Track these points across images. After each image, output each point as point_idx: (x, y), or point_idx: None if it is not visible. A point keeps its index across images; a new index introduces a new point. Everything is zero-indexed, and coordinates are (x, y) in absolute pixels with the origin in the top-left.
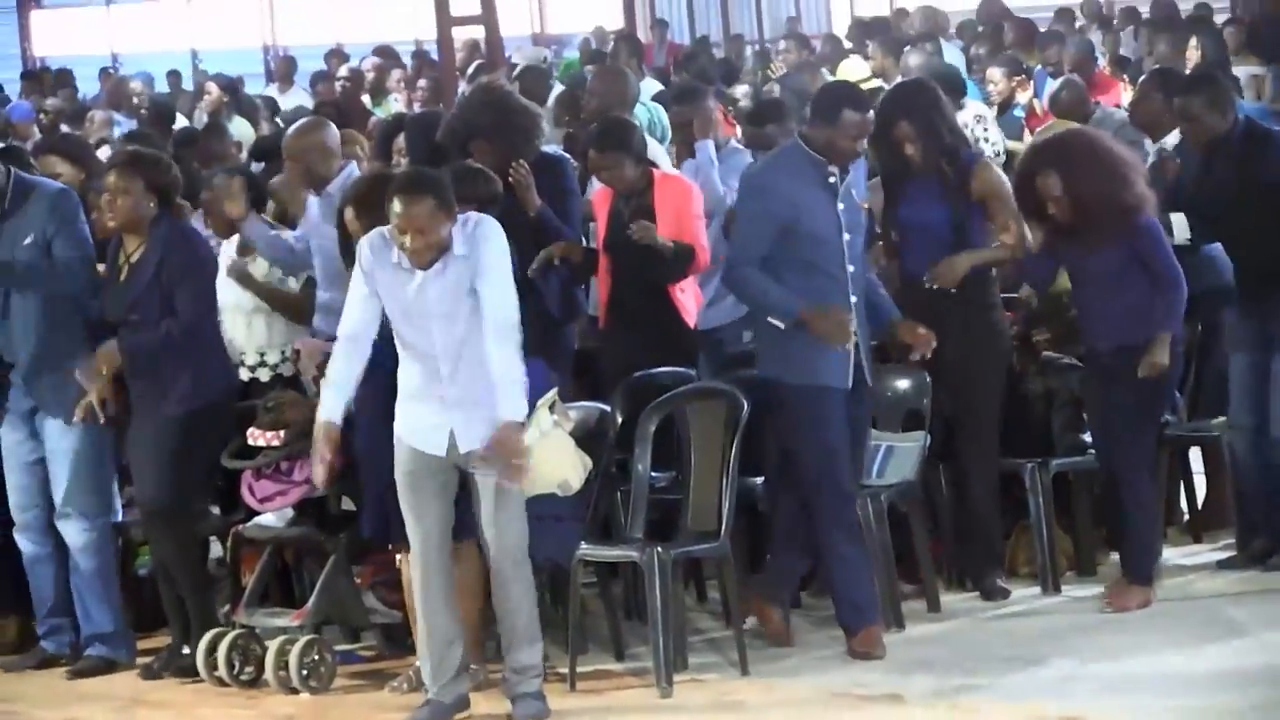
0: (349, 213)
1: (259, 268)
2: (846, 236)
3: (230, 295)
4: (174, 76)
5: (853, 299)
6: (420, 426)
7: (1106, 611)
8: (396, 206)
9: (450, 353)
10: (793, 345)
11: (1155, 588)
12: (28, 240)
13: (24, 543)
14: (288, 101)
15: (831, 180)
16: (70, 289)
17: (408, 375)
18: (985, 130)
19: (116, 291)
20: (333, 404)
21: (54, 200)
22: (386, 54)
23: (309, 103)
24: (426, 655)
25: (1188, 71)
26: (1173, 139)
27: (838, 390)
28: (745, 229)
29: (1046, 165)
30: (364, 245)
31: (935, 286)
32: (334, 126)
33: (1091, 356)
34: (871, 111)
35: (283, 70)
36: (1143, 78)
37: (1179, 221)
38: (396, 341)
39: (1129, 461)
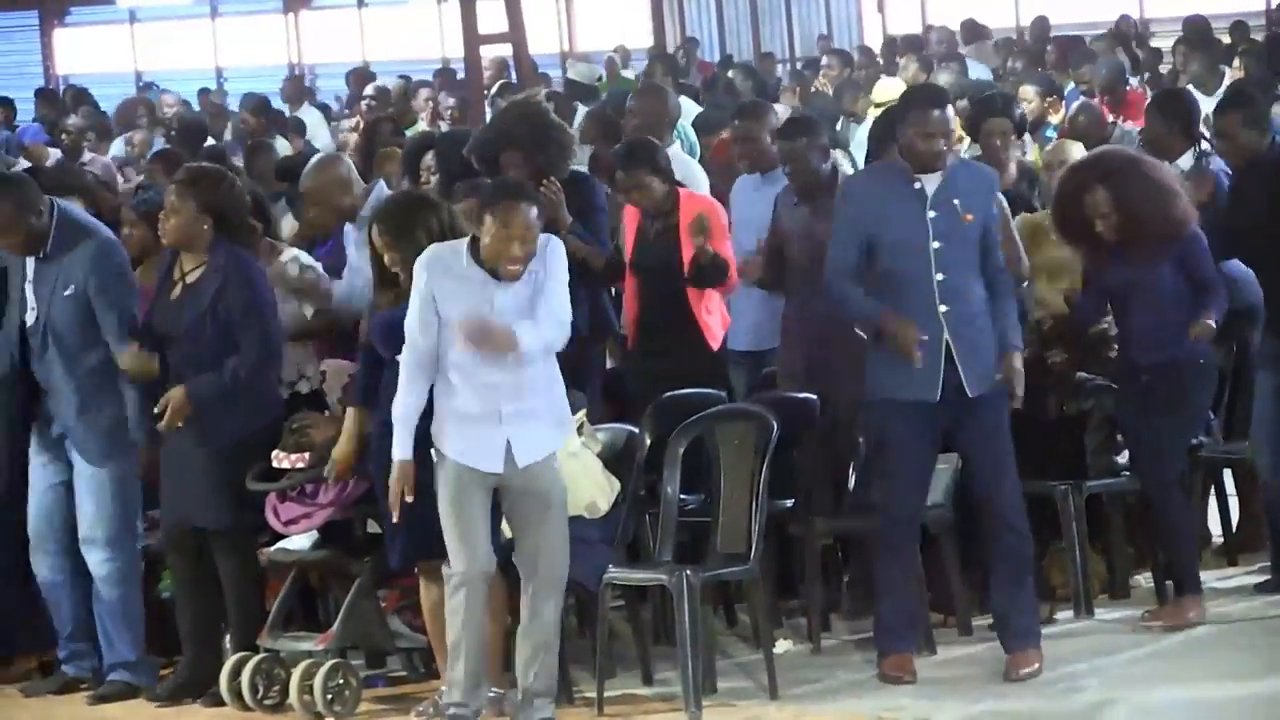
0: (375, 230)
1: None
2: (936, 244)
3: None
4: (205, 95)
5: (942, 307)
6: (475, 446)
7: (1155, 629)
8: (502, 215)
9: (516, 367)
10: (870, 357)
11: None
12: (68, 292)
13: (41, 567)
14: (317, 120)
15: (918, 186)
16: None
17: (463, 396)
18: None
19: (168, 309)
20: (405, 440)
21: (100, 250)
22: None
23: (321, 120)
24: (462, 678)
25: (1224, 88)
26: (1185, 162)
27: (914, 404)
28: (836, 237)
29: (1093, 182)
30: (423, 265)
31: None
32: (347, 159)
33: (1129, 374)
34: (949, 109)
35: (292, 90)
36: (1147, 102)
37: None
38: (447, 360)
39: (1168, 477)
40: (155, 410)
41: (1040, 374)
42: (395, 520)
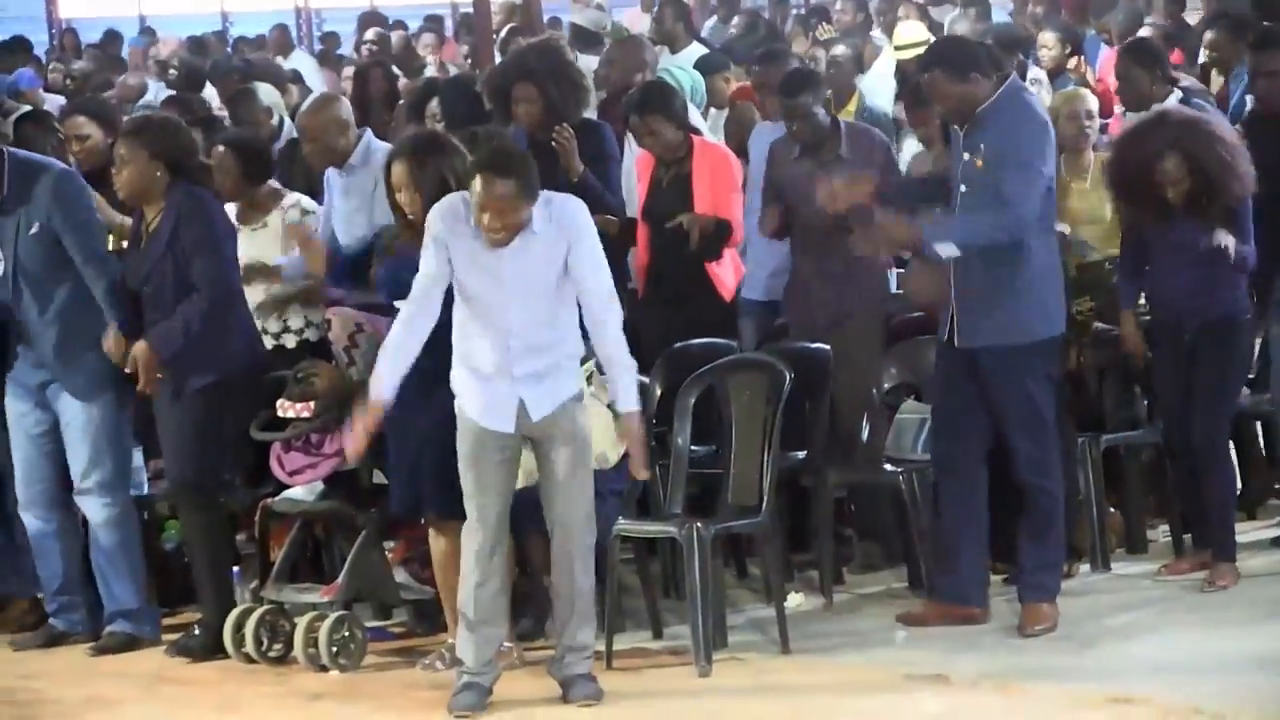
0: (399, 167)
1: (269, 242)
2: (962, 189)
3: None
4: (215, 38)
5: (956, 252)
6: (489, 405)
7: (1208, 591)
8: (479, 184)
9: (524, 331)
10: None
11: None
12: (34, 230)
13: (29, 519)
14: (309, 67)
15: (955, 128)
16: (104, 282)
17: (476, 352)
18: (1039, 93)
19: (135, 261)
20: (387, 378)
21: (56, 185)
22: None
23: (313, 68)
24: (469, 635)
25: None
26: (1172, 104)
27: (946, 345)
28: None
29: (1165, 148)
30: (437, 214)
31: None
32: (344, 100)
33: (1168, 332)
34: (927, 74)
35: (280, 40)
36: (1117, 56)
37: None
38: (463, 315)
39: (1214, 437)
40: (127, 371)
41: (1070, 325)
42: (355, 450)
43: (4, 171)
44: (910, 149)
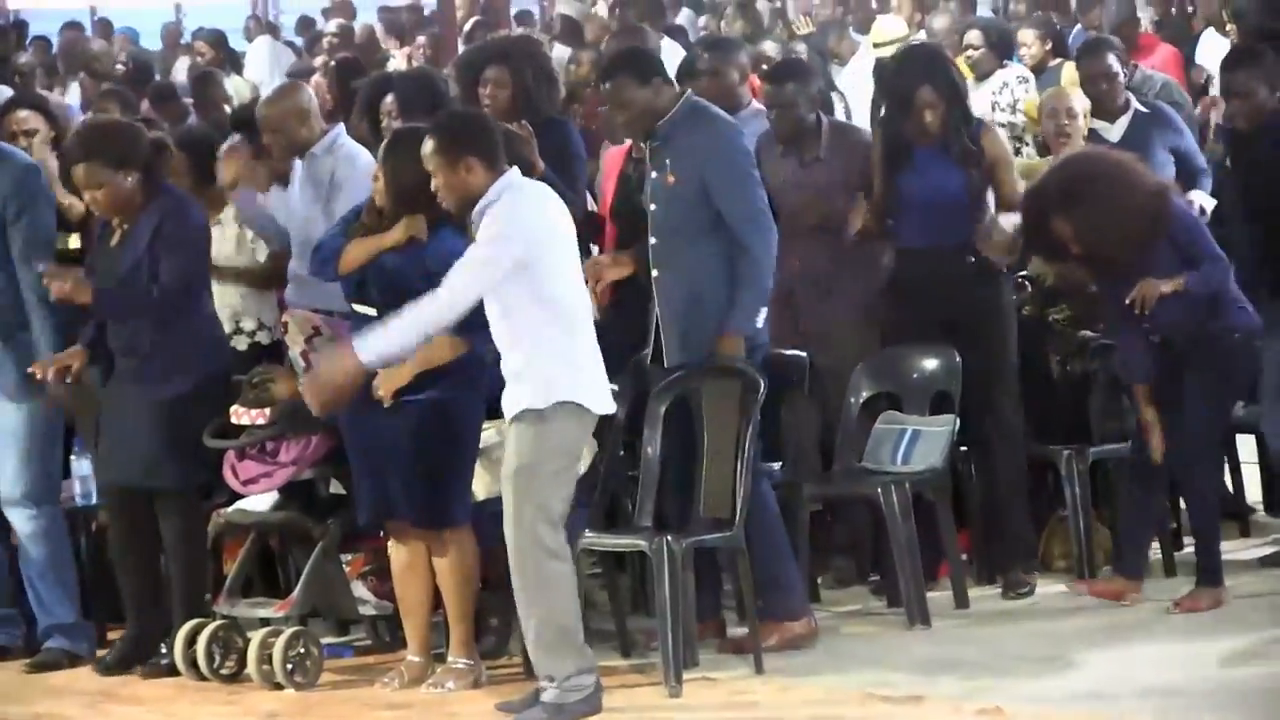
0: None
1: (225, 239)
2: (654, 208)
3: None
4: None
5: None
6: None
7: (1174, 614)
8: None
9: (499, 319)
10: None
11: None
12: None
13: None
14: (266, 52)
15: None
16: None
17: None
18: (1026, 92)
19: (107, 255)
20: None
21: (21, 177)
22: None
23: (270, 53)
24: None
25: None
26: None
27: None
28: None
29: (1052, 212)
30: None
31: (988, 255)
32: (308, 88)
33: (1161, 349)
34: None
35: (256, 31)
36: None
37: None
38: None
39: (1182, 459)
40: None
41: (1048, 333)
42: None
43: None
44: None
